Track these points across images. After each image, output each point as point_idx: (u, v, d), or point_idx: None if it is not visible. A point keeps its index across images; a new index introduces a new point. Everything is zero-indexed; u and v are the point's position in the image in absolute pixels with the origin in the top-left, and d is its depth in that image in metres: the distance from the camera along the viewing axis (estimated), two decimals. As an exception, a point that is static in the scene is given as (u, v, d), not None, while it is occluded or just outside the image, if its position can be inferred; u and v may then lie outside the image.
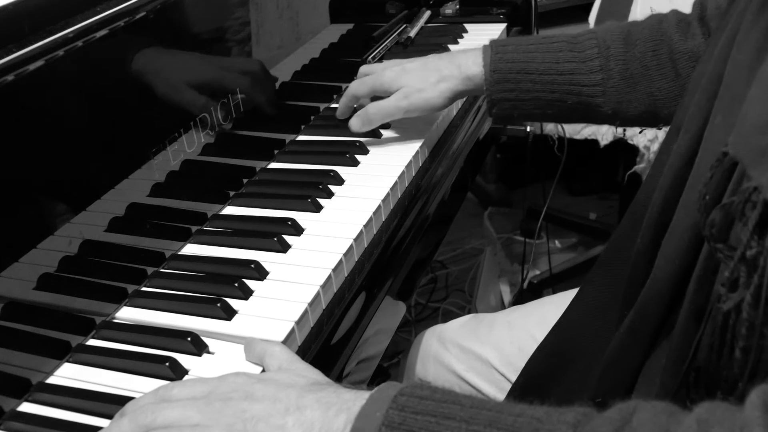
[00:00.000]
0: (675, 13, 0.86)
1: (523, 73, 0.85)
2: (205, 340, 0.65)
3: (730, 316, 0.44)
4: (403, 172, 0.87)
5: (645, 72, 0.83)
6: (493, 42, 0.89)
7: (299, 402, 0.50)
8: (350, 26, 1.16)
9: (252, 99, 0.91)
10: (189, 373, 0.62)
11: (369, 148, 0.93)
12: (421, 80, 0.89)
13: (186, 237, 0.79)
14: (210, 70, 0.86)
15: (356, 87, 0.94)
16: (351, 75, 1.14)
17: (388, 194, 0.83)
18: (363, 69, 0.96)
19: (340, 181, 0.87)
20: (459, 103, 1.06)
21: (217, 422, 0.50)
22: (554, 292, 1.67)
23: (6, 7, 0.62)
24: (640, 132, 1.54)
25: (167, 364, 0.62)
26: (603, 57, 0.84)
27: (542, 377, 0.78)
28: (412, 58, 0.95)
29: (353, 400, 0.48)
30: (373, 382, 0.79)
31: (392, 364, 1.58)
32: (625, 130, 1.56)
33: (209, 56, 0.87)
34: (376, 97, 0.93)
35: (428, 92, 0.88)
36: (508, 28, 1.31)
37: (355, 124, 0.92)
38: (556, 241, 1.94)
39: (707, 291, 0.50)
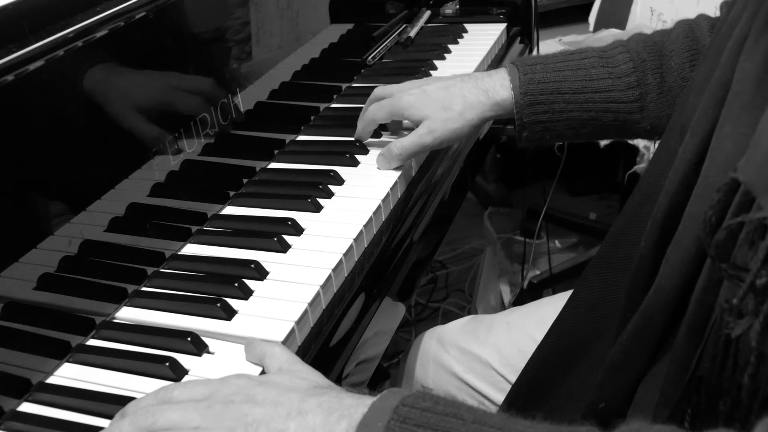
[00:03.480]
0: (704, 18, 0.83)
1: (556, 94, 0.82)
2: (205, 340, 0.65)
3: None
4: (403, 172, 0.87)
5: (684, 84, 0.80)
6: (518, 62, 0.85)
7: (301, 406, 0.50)
8: (350, 26, 1.16)
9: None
10: (189, 373, 0.62)
11: (369, 148, 0.93)
12: (444, 109, 0.83)
13: (186, 237, 0.79)
14: (211, 69, 0.86)
15: (374, 111, 0.89)
16: (351, 75, 1.15)
17: (388, 194, 0.83)
18: (378, 91, 0.91)
19: (340, 181, 0.86)
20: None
21: (218, 425, 0.50)
22: (554, 292, 1.67)
23: (6, 7, 0.62)
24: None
25: (167, 364, 0.62)
26: (639, 71, 0.80)
27: (542, 378, 0.78)
28: (427, 78, 0.89)
29: (355, 406, 0.48)
30: (372, 382, 0.79)
31: (392, 364, 1.58)
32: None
33: (209, 56, 0.87)
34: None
35: (454, 123, 0.83)
36: (508, 28, 1.31)
37: (380, 163, 0.87)
38: (556, 241, 1.94)
39: (710, 302, 0.50)
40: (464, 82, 0.86)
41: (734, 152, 0.48)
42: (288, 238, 0.77)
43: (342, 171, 0.88)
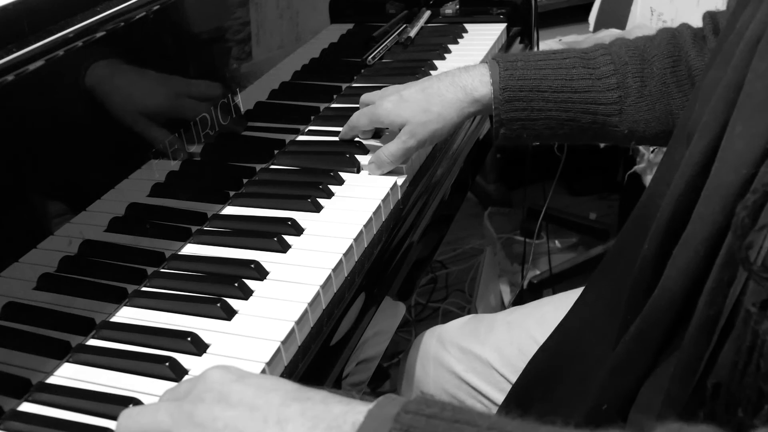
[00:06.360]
0: (687, 27, 0.83)
1: (536, 91, 0.81)
2: (206, 340, 0.65)
3: (759, 337, 0.43)
4: (403, 172, 0.87)
5: (664, 90, 0.80)
6: (499, 57, 0.84)
7: (281, 412, 0.43)
8: (350, 26, 1.16)
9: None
10: (189, 373, 0.62)
11: (369, 148, 0.93)
12: (423, 111, 0.83)
13: (186, 237, 0.79)
14: (211, 69, 0.86)
15: (356, 119, 0.90)
16: (351, 75, 1.15)
17: (387, 194, 0.83)
18: (363, 98, 0.93)
19: (340, 181, 0.86)
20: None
21: (183, 429, 0.45)
22: (554, 292, 1.67)
23: (6, 7, 0.62)
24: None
25: (167, 364, 0.62)
26: (620, 74, 0.80)
27: (543, 379, 0.78)
28: (409, 82, 0.88)
29: (344, 414, 0.42)
30: (372, 382, 0.79)
31: (392, 364, 1.58)
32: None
33: (210, 56, 0.87)
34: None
35: (434, 124, 0.83)
36: (508, 28, 1.31)
37: (371, 170, 0.88)
38: (556, 241, 1.94)
39: (720, 304, 0.49)
40: (441, 81, 0.85)
41: (746, 152, 0.48)
42: (288, 238, 0.77)
43: (342, 171, 0.88)
